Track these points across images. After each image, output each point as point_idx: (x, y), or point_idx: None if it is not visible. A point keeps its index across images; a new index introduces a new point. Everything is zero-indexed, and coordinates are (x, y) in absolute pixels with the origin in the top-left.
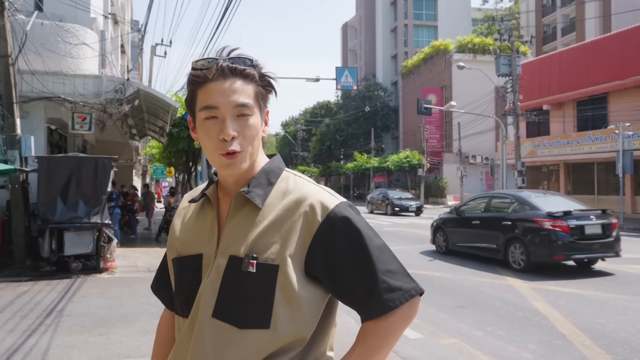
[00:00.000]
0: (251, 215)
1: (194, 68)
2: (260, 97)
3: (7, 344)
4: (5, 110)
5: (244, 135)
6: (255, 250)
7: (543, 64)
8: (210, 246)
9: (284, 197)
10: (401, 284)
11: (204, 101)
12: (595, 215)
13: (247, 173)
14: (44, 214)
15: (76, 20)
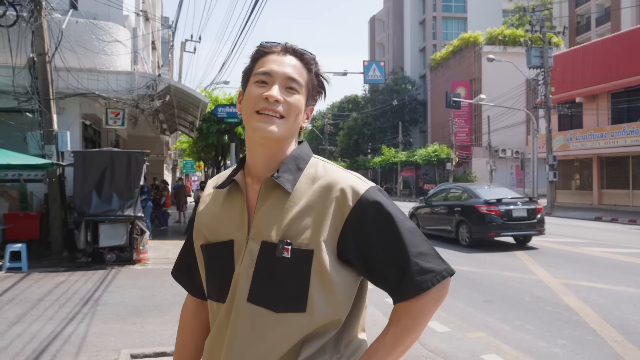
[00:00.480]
0: (281, 201)
1: (261, 44)
2: (310, 87)
3: (47, 331)
4: (43, 107)
5: (288, 104)
6: (288, 236)
7: (576, 56)
8: (241, 232)
9: (313, 183)
10: (433, 266)
11: (260, 67)
12: (522, 202)
13: (278, 154)
14: (80, 207)
15: (109, 18)
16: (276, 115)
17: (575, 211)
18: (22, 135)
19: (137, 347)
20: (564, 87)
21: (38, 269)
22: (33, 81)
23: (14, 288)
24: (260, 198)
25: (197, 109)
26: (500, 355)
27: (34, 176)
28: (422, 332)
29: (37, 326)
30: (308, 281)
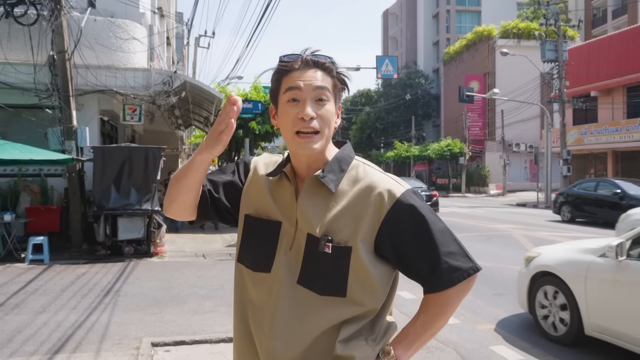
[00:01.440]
0: (325, 199)
1: (281, 60)
2: (336, 89)
3: (71, 320)
4: (63, 103)
5: (321, 117)
6: (329, 232)
7: (591, 49)
8: (289, 219)
9: (354, 184)
10: (460, 264)
11: (288, 84)
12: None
13: (320, 158)
14: (99, 201)
15: (126, 15)
16: (313, 131)
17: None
18: (43, 131)
19: (157, 336)
20: (578, 81)
21: (59, 261)
22: (53, 78)
23: (38, 279)
24: (303, 193)
25: (212, 104)
26: (509, 346)
27: (55, 171)
28: (449, 319)
29: (62, 315)
30: (347, 272)
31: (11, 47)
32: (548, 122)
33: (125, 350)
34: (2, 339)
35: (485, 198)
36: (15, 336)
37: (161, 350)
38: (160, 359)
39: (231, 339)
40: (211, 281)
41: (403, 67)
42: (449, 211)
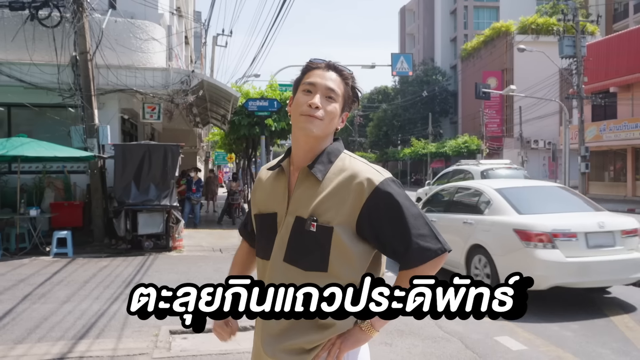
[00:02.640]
0: (314, 186)
1: (310, 60)
2: (346, 97)
3: (94, 309)
4: (85, 102)
5: (326, 110)
6: (315, 214)
7: (611, 44)
8: (282, 207)
9: (340, 174)
10: (430, 245)
11: (307, 79)
12: None
13: (315, 147)
14: (120, 197)
15: (145, 16)
16: (316, 118)
17: (607, 203)
18: (66, 129)
19: (175, 324)
20: (597, 76)
21: (82, 255)
22: (76, 78)
23: (62, 271)
24: (298, 182)
25: (229, 102)
26: (513, 337)
27: (77, 168)
28: None
29: (85, 305)
30: (329, 250)
31: (36, 48)
32: (566, 118)
33: (145, 337)
34: (30, 326)
35: None
36: (42, 323)
37: (179, 337)
38: (177, 345)
39: (245, 328)
40: (227, 274)
41: (420, 63)
42: None
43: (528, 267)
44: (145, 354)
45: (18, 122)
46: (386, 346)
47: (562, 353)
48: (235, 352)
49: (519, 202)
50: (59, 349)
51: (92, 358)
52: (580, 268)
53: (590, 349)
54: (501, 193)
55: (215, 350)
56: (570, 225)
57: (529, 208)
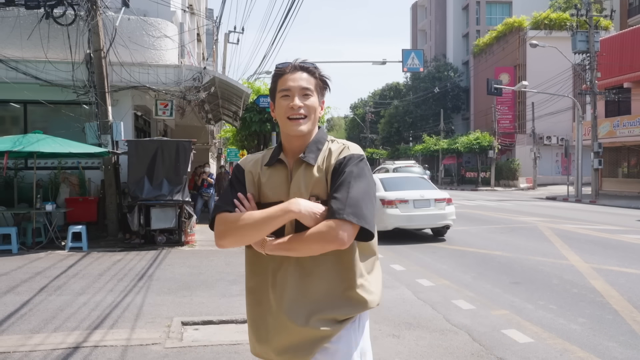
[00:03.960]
0: (309, 172)
1: (276, 67)
2: (318, 88)
3: (108, 301)
4: (99, 99)
5: (307, 107)
6: (315, 193)
7: (625, 39)
8: (285, 194)
9: (325, 156)
10: (347, 210)
11: (281, 86)
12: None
13: (306, 141)
14: (134, 192)
15: (158, 14)
16: (301, 117)
17: (621, 199)
18: (80, 126)
19: (187, 316)
20: (611, 72)
21: (96, 249)
22: (90, 76)
23: (77, 265)
24: (294, 171)
25: (240, 99)
26: (520, 330)
27: (92, 164)
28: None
29: (100, 297)
30: None
31: (51, 46)
32: (579, 114)
33: (157, 328)
34: (47, 316)
35: (515, 192)
36: (58, 314)
37: (190, 328)
38: (189, 336)
39: None
40: (239, 268)
41: (432, 60)
42: (477, 204)
43: (383, 219)
44: (158, 344)
45: (34, 119)
46: (394, 338)
47: (569, 346)
48: (245, 343)
49: (387, 185)
50: (74, 339)
51: (106, 347)
52: (409, 218)
53: (597, 342)
54: (381, 180)
55: (227, 340)
56: (405, 196)
57: (390, 188)
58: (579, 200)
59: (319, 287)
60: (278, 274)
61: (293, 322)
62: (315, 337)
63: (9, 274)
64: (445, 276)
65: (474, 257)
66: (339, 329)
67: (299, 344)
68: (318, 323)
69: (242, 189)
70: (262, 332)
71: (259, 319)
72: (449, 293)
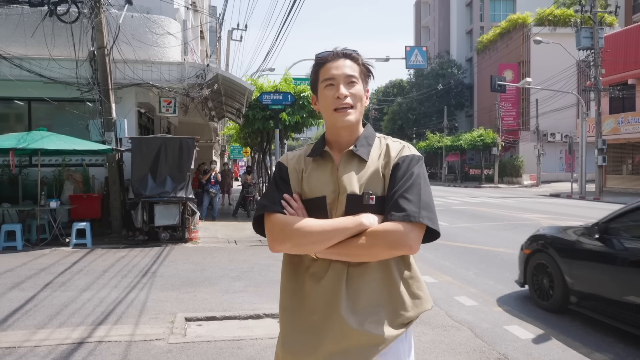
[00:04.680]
0: (360, 166)
1: (317, 56)
2: (362, 75)
3: (113, 296)
4: (103, 96)
5: (353, 95)
6: (370, 189)
7: (629, 36)
8: (330, 189)
9: (379, 153)
10: (407, 208)
11: (325, 75)
12: None
13: (355, 132)
14: (137, 189)
15: (161, 11)
16: (348, 106)
17: (625, 196)
18: (84, 123)
19: (191, 312)
20: (615, 68)
21: (101, 245)
22: (94, 73)
23: (82, 261)
24: (342, 165)
25: (244, 96)
26: (522, 326)
27: (95, 161)
28: (371, 249)
29: (104, 293)
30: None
31: (55, 43)
32: (583, 111)
33: (161, 323)
34: (52, 312)
35: (519, 189)
36: (63, 309)
37: (194, 324)
38: (192, 331)
39: (258, 316)
40: (242, 265)
41: (436, 56)
42: (480, 201)
43: None
44: (162, 339)
45: (38, 116)
46: None
47: (571, 342)
48: (248, 339)
49: None
50: (79, 334)
51: (110, 343)
52: None
53: (599, 338)
54: None
55: (229, 336)
56: None
57: None
58: (583, 198)
59: (370, 288)
60: (325, 276)
61: (347, 324)
62: (369, 343)
63: (14, 270)
64: (448, 273)
65: (477, 254)
66: (391, 337)
67: (350, 349)
68: (371, 326)
69: (288, 188)
70: (301, 339)
71: (299, 326)
72: (451, 289)
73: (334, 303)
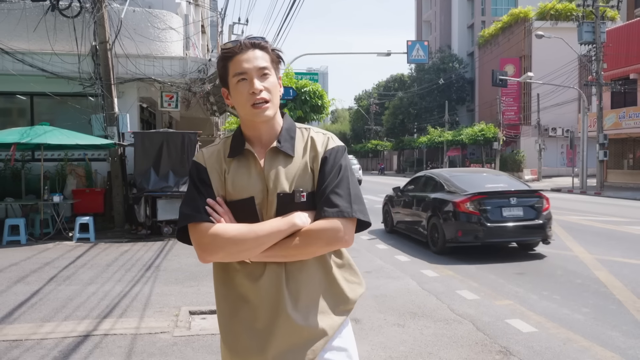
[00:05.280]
0: (286, 162)
1: (223, 48)
2: (274, 64)
3: (117, 290)
4: (105, 91)
5: (268, 89)
6: (300, 186)
7: (631, 30)
8: (258, 189)
9: (304, 146)
10: (340, 204)
11: (235, 69)
12: None
13: (273, 126)
14: (140, 184)
15: (163, 6)
16: (265, 102)
17: (626, 191)
18: (86, 118)
19: (195, 305)
20: (617, 63)
21: (104, 240)
22: (96, 68)
23: (85, 255)
24: (267, 162)
25: None
26: (524, 320)
27: (98, 155)
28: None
29: (108, 286)
30: (313, 212)
31: (57, 38)
32: (585, 105)
33: (165, 317)
34: (57, 305)
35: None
36: (68, 303)
37: (198, 317)
38: (197, 325)
39: None
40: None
41: (437, 51)
42: None
43: None
44: (167, 332)
45: (40, 111)
46: (399, 327)
47: (572, 335)
48: None
49: None
50: (85, 327)
51: (116, 336)
52: None
53: (600, 332)
54: None
55: None
56: None
57: None
58: (584, 192)
59: (310, 283)
60: (263, 276)
61: (293, 321)
62: (316, 336)
63: (19, 264)
64: (449, 267)
65: (478, 248)
66: (336, 326)
67: (299, 345)
68: (316, 319)
69: (210, 192)
70: (246, 342)
71: (241, 329)
72: (453, 283)
73: (278, 302)
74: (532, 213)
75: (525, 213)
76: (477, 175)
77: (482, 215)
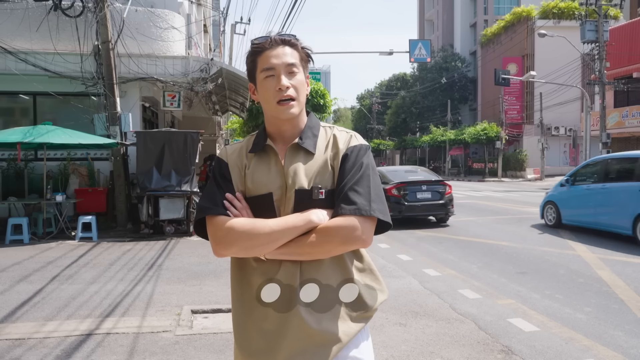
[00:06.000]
0: (307, 159)
1: (253, 43)
2: (303, 62)
3: (119, 289)
4: (107, 90)
5: (295, 87)
6: (318, 183)
7: (634, 29)
8: (277, 185)
9: (325, 144)
10: (357, 201)
11: (263, 65)
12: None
13: (297, 123)
14: (142, 183)
15: (165, 5)
16: (291, 99)
17: None
18: (89, 117)
19: (197, 304)
20: (620, 62)
21: (106, 239)
22: (98, 67)
23: (88, 254)
24: (288, 159)
25: (247, 90)
26: (526, 319)
27: (101, 155)
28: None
29: (111, 285)
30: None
31: (59, 38)
32: (587, 104)
33: (168, 316)
34: (59, 304)
35: (522, 182)
36: (70, 302)
37: (200, 316)
38: (199, 324)
39: None
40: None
41: (439, 50)
42: (484, 195)
43: None
44: (169, 331)
45: (43, 111)
46: (400, 326)
47: (574, 334)
48: None
49: None
50: (87, 326)
51: (118, 334)
52: None
53: (602, 331)
54: None
55: None
56: None
57: None
58: None
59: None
60: (277, 275)
61: (307, 323)
62: (330, 342)
63: (22, 263)
64: (451, 266)
65: (481, 247)
66: (352, 333)
67: (312, 350)
68: (331, 324)
69: (230, 187)
70: (258, 343)
71: (254, 329)
72: (455, 283)
73: (291, 303)
74: (437, 196)
75: (432, 196)
76: (403, 170)
77: (402, 197)
